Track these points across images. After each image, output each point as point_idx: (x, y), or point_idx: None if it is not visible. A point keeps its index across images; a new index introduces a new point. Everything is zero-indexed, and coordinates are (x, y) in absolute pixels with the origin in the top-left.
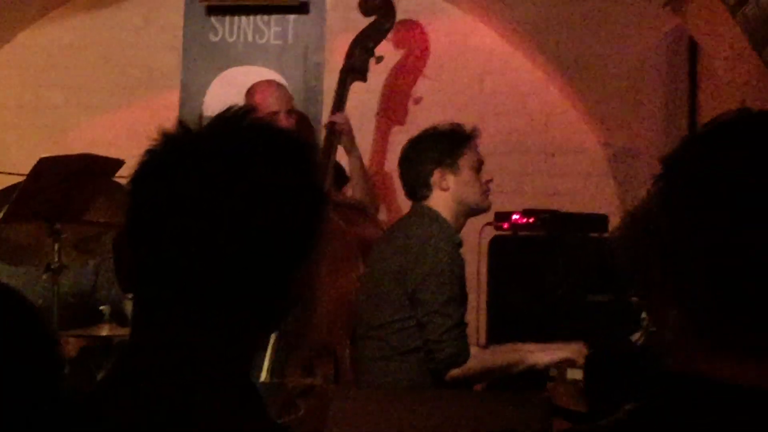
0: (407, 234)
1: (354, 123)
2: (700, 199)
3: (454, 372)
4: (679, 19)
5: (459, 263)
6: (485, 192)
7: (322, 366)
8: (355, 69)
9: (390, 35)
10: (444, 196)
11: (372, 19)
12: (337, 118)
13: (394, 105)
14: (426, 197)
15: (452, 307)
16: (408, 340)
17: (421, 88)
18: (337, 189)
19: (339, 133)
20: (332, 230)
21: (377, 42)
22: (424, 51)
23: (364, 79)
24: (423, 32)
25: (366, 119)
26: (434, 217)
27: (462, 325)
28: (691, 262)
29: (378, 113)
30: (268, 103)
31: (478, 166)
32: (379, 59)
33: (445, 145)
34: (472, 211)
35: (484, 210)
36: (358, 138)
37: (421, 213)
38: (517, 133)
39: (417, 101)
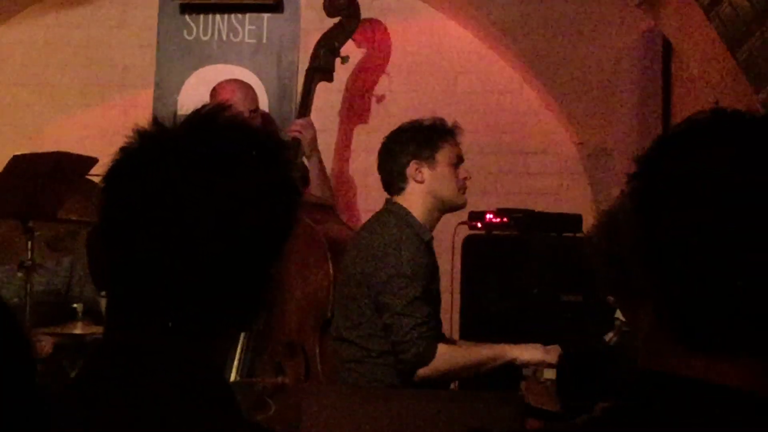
0: (372, 237)
1: (320, 123)
2: (674, 198)
3: (422, 372)
4: (653, 19)
5: (425, 261)
6: (461, 188)
7: (292, 365)
8: (320, 69)
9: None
10: (419, 188)
11: (337, 19)
12: (296, 125)
13: (356, 103)
14: (401, 190)
15: (416, 307)
16: (377, 343)
17: (384, 86)
18: (303, 188)
19: (297, 140)
20: (300, 229)
21: (342, 42)
22: (387, 50)
23: (330, 79)
24: (385, 31)
25: (330, 119)
26: (402, 216)
27: (428, 323)
28: (665, 261)
29: (341, 112)
30: (231, 103)
31: (457, 162)
32: (345, 59)
33: (424, 137)
34: (446, 207)
35: (458, 206)
36: (325, 137)
37: (390, 212)
38: (491, 133)
39: (380, 99)
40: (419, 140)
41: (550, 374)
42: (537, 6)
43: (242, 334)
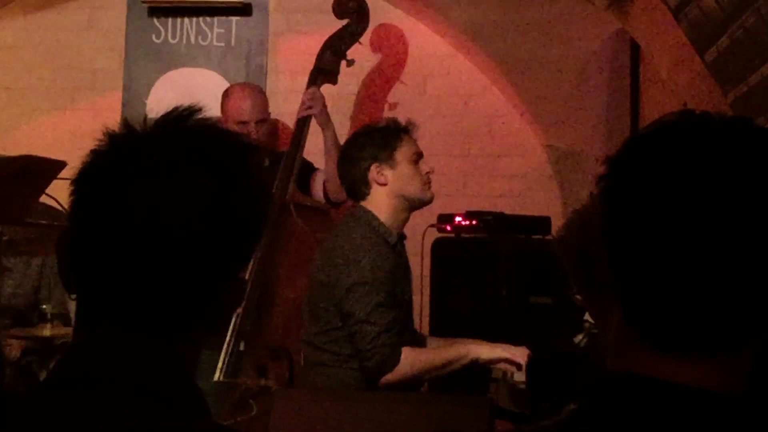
0: (335, 244)
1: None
2: (642, 199)
3: (387, 378)
4: (622, 22)
5: (388, 266)
6: (426, 184)
7: (276, 367)
8: (324, 71)
9: (368, 38)
10: (383, 191)
11: (345, 22)
12: (306, 95)
13: (369, 110)
14: (366, 195)
15: (379, 314)
16: (344, 347)
17: (398, 94)
18: (305, 186)
19: (308, 107)
20: (293, 232)
21: (349, 45)
22: (403, 56)
23: (334, 81)
24: (402, 37)
25: (336, 123)
26: (367, 220)
27: (391, 330)
28: (632, 262)
29: (352, 117)
30: (240, 111)
31: (417, 159)
32: (350, 63)
33: (380, 139)
34: (413, 204)
35: (425, 202)
36: None
37: (354, 217)
38: (460, 136)
39: (393, 107)
40: (376, 142)
41: (521, 377)
42: (505, 9)
43: (228, 336)
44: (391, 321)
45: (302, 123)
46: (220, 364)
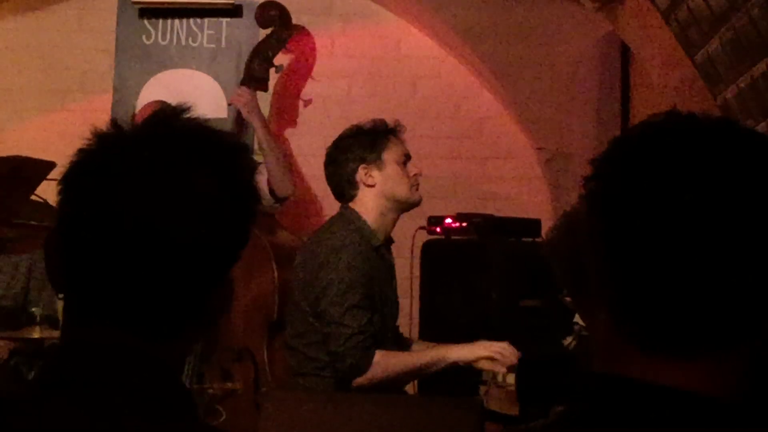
0: (317, 244)
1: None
2: (629, 200)
3: (359, 381)
4: (612, 24)
5: (368, 267)
6: (414, 185)
7: (241, 370)
8: (255, 79)
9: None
10: (371, 193)
11: (269, 30)
12: (233, 97)
13: (285, 107)
14: (353, 197)
15: (352, 316)
16: (319, 353)
17: (309, 90)
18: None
19: (237, 107)
20: None
21: (276, 52)
22: (312, 54)
23: (265, 88)
24: (309, 36)
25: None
26: (352, 220)
27: (364, 333)
28: (620, 263)
29: (270, 115)
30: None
31: (404, 160)
32: (279, 68)
33: (367, 141)
34: (401, 206)
35: (414, 204)
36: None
37: (341, 216)
38: (450, 138)
39: (307, 103)
40: (364, 144)
41: (510, 379)
42: (496, 11)
43: None
44: (366, 323)
45: (239, 119)
46: (185, 372)
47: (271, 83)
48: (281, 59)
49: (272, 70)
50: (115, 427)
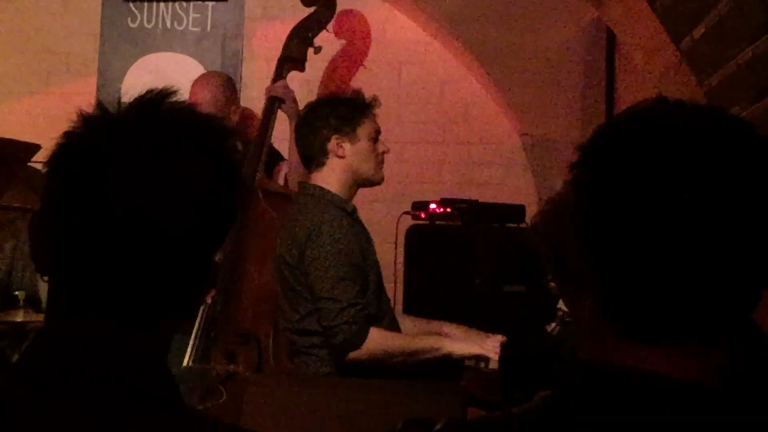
0: (294, 225)
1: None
2: (615, 187)
3: (354, 354)
4: (597, 10)
5: (351, 236)
6: (379, 164)
7: (245, 353)
8: (292, 58)
9: (331, 25)
10: (339, 164)
11: (312, 9)
12: (273, 88)
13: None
14: (322, 165)
15: (341, 289)
16: (314, 332)
17: (361, 79)
18: (270, 174)
19: (277, 100)
20: (261, 218)
21: (316, 33)
22: (366, 41)
23: (302, 69)
24: (365, 22)
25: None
26: (320, 196)
27: (356, 305)
28: (605, 250)
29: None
30: (199, 102)
31: (375, 137)
32: (318, 49)
33: (345, 112)
34: (363, 182)
35: (375, 182)
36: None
37: (307, 195)
38: (435, 123)
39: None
40: (341, 115)
41: (493, 364)
42: None
43: (197, 321)
44: (356, 294)
45: (270, 105)
46: (189, 350)
47: (313, 66)
48: (321, 40)
49: (311, 51)
50: (111, 419)
